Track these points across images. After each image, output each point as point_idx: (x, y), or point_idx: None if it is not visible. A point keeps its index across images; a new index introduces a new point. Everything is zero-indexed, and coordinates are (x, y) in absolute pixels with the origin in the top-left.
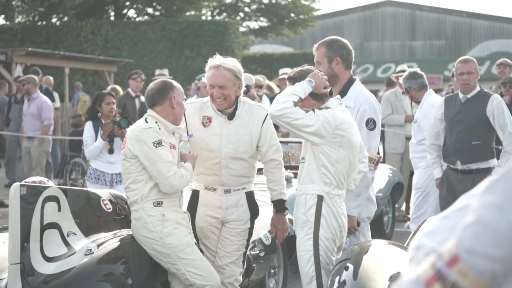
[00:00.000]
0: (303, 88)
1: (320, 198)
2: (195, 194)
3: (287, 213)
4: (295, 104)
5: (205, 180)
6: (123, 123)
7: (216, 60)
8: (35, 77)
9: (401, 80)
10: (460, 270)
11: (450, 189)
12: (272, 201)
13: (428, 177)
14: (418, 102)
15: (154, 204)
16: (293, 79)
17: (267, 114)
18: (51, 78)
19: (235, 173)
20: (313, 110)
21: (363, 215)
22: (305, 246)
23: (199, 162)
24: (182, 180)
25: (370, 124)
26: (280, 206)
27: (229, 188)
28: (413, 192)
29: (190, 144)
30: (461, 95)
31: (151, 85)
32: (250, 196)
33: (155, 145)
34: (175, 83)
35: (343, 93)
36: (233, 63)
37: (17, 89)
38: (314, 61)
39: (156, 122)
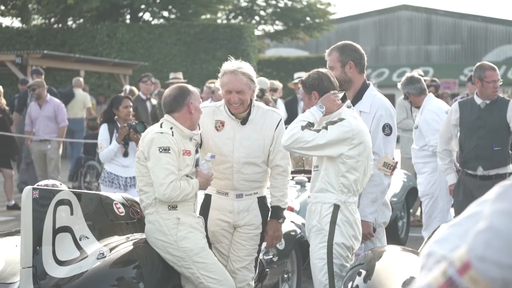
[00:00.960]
0: (312, 115)
1: (336, 207)
2: (207, 198)
3: (282, 221)
4: (303, 128)
5: (217, 184)
6: (139, 128)
7: (232, 64)
8: (43, 80)
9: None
10: (472, 278)
11: (467, 195)
12: (270, 207)
13: (434, 182)
14: (418, 107)
15: (169, 207)
16: (305, 85)
17: (281, 119)
18: (81, 79)
19: (247, 178)
20: (326, 127)
21: (379, 220)
22: (318, 254)
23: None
24: (177, 191)
25: (387, 129)
26: (276, 213)
27: (241, 193)
28: None
29: (203, 147)
30: (479, 101)
31: (167, 91)
32: (262, 201)
33: (160, 150)
34: (191, 87)
35: (358, 98)
36: (248, 67)
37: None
38: (327, 66)
39: (171, 128)
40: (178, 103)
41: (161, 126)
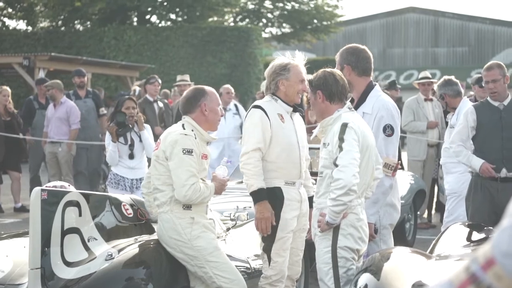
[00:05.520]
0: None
1: None
2: (278, 190)
3: None
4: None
5: (286, 175)
6: (119, 118)
7: (301, 57)
8: (60, 82)
9: (435, 87)
10: (496, 274)
11: (487, 199)
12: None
13: (464, 182)
14: (453, 108)
15: (184, 207)
16: (311, 84)
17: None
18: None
19: (305, 167)
20: (340, 147)
21: (384, 222)
22: (324, 258)
23: (279, 157)
24: (197, 193)
25: (388, 130)
26: (311, 202)
27: (301, 182)
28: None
29: (273, 139)
30: (495, 103)
31: (185, 92)
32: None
33: (184, 152)
34: (208, 89)
35: (361, 100)
36: None
37: (43, 93)
38: None
39: (192, 130)
40: (191, 104)
41: (183, 128)
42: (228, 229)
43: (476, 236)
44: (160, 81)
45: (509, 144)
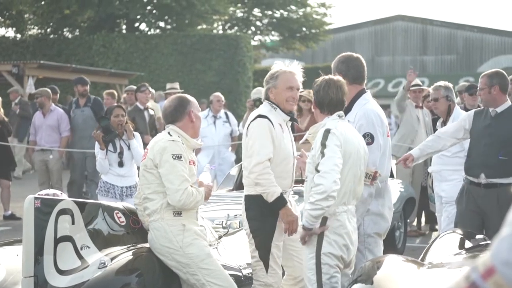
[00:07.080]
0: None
1: (324, 218)
2: None
3: None
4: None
5: (280, 184)
6: (102, 122)
7: (295, 65)
8: (49, 90)
9: (430, 90)
10: (496, 282)
11: (470, 204)
12: None
13: None
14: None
15: (174, 213)
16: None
17: None
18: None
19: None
20: (322, 153)
21: (369, 230)
22: (308, 264)
23: (278, 167)
24: (191, 198)
25: (367, 138)
26: None
27: (290, 191)
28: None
29: (275, 150)
30: (491, 109)
31: (166, 102)
32: None
33: (174, 157)
34: (189, 97)
35: (348, 108)
36: None
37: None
38: None
39: (178, 136)
40: (179, 112)
41: (170, 134)
42: (220, 237)
43: (467, 244)
44: (150, 89)
45: (488, 151)
